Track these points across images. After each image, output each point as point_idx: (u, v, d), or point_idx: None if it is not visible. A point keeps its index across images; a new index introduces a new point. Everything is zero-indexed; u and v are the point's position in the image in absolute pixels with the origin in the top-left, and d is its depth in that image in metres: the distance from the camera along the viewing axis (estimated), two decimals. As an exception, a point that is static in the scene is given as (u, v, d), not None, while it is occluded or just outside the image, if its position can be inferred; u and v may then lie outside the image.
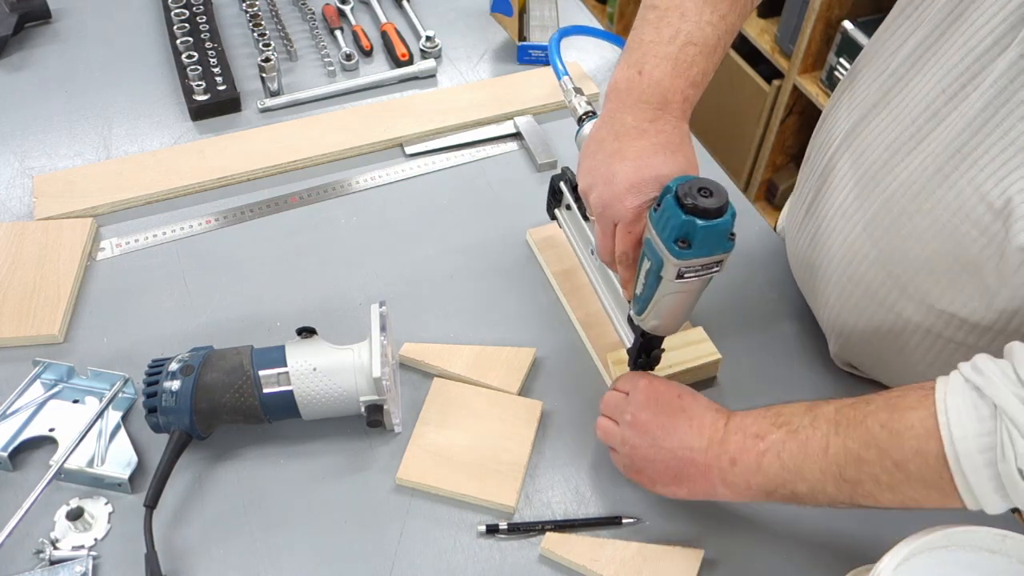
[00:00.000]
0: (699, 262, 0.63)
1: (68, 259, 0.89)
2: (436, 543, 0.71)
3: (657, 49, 0.67)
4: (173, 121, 1.07)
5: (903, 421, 0.57)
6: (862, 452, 0.59)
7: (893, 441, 0.57)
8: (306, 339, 0.75)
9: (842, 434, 0.60)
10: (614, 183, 0.66)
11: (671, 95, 0.67)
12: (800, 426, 0.62)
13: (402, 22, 1.24)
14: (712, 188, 0.61)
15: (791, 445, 0.62)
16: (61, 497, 0.72)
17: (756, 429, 0.65)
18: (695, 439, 0.67)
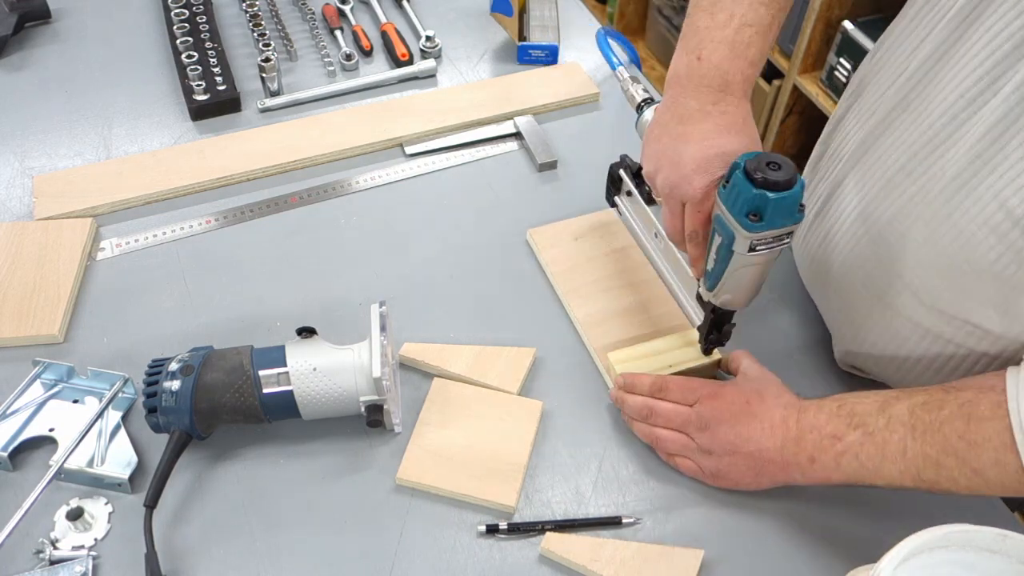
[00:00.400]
0: (771, 234, 0.65)
1: (68, 259, 0.89)
2: (436, 543, 0.71)
3: (713, 34, 0.69)
4: (173, 121, 1.07)
5: (979, 432, 0.60)
6: (940, 458, 0.62)
7: (971, 451, 0.60)
8: (306, 339, 0.75)
9: (919, 439, 0.62)
10: (681, 164, 0.68)
11: (731, 76, 0.68)
12: (876, 428, 0.65)
13: (402, 22, 1.24)
14: (780, 162, 0.63)
15: (868, 448, 0.65)
16: (61, 497, 0.72)
17: (831, 429, 0.67)
18: (769, 440, 0.70)
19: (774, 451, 0.70)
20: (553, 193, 1.01)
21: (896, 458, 0.64)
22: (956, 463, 0.61)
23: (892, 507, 0.74)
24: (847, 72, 1.84)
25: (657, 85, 1.04)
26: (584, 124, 1.10)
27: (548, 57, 1.17)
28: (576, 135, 1.08)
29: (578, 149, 1.06)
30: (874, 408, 0.66)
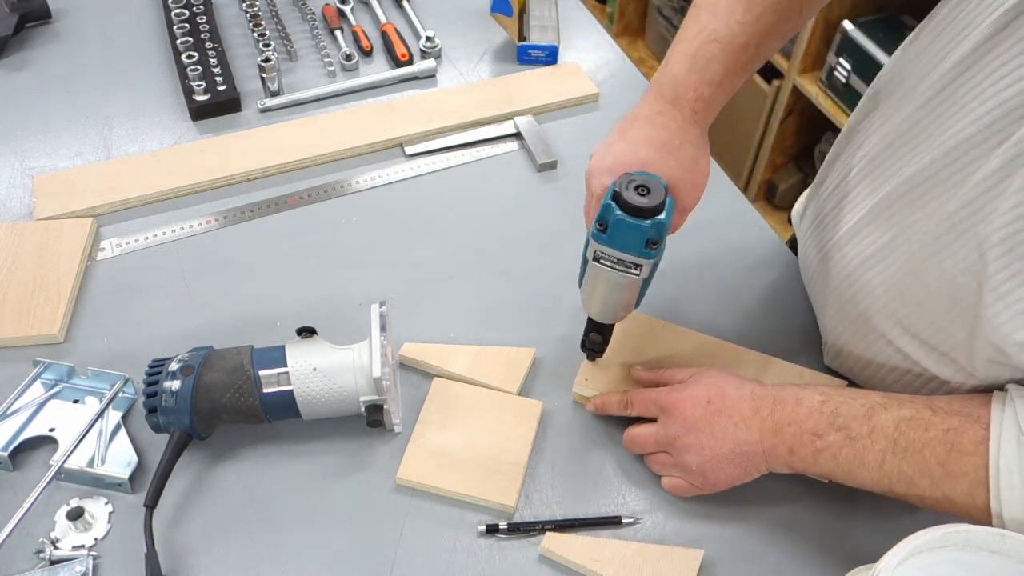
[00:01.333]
0: (613, 253, 0.65)
1: (68, 259, 0.89)
2: (436, 543, 0.71)
3: (682, 45, 0.69)
4: (173, 121, 1.07)
5: (958, 465, 0.61)
6: (916, 478, 0.63)
7: (947, 480, 0.62)
8: (306, 339, 0.75)
9: (899, 455, 0.64)
10: (604, 159, 0.69)
11: (683, 91, 0.68)
12: (859, 434, 0.65)
13: (402, 22, 1.24)
14: (652, 189, 0.63)
15: (848, 452, 0.65)
16: (61, 497, 0.72)
17: (812, 426, 0.67)
18: (744, 432, 0.69)
19: (753, 443, 0.69)
20: (553, 193, 1.01)
21: (872, 467, 0.65)
22: (930, 485, 0.63)
23: (892, 507, 0.74)
24: (847, 72, 1.84)
25: (657, 85, 1.04)
26: (584, 124, 1.10)
27: (548, 57, 1.17)
28: (576, 135, 1.08)
29: (578, 149, 1.06)
30: (859, 413, 0.66)
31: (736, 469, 0.70)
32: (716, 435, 0.70)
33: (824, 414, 0.67)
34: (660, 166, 0.67)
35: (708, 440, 0.70)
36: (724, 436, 0.69)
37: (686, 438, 0.71)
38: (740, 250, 0.95)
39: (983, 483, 0.60)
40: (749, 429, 0.69)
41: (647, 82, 1.18)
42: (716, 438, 0.69)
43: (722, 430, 0.69)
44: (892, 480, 0.64)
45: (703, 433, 0.70)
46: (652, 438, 0.74)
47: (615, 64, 1.20)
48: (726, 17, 0.67)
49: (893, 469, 0.64)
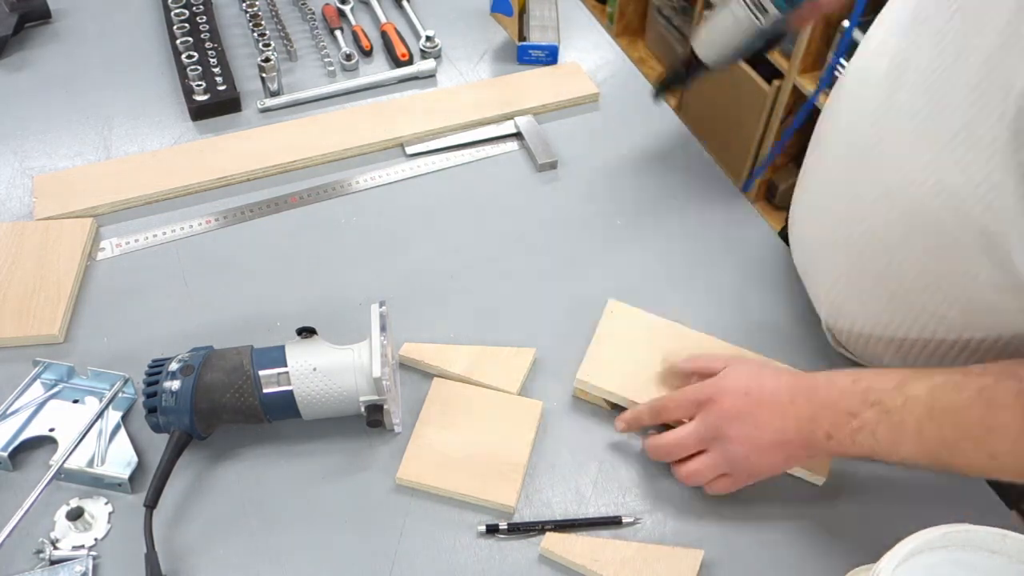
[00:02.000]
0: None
1: (68, 259, 0.89)
2: (436, 543, 0.71)
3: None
4: (173, 121, 1.07)
5: (997, 419, 0.61)
6: (959, 442, 0.63)
7: (989, 436, 0.62)
8: (306, 339, 0.75)
9: (936, 420, 0.63)
10: None
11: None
12: (893, 407, 0.65)
13: (402, 22, 1.24)
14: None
15: (884, 426, 0.65)
16: (61, 497, 0.72)
17: (847, 406, 0.66)
18: (782, 421, 0.69)
19: (792, 432, 0.69)
20: (553, 193, 1.01)
21: (912, 439, 0.64)
22: (973, 447, 0.62)
23: (892, 507, 0.74)
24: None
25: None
26: (584, 124, 1.10)
27: (548, 57, 1.17)
28: (576, 135, 1.08)
29: (578, 149, 1.06)
30: (891, 385, 0.65)
31: (776, 459, 0.71)
32: (759, 426, 0.70)
33: (856, 392, 0.66)
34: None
35: (752, 431, 0.70)
36: (766, 427, 0.69)
37: (729, 430, 0.70)
38: (740, 250, 0.95)
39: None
40: (786, 418, 0.69)
41: (647, 82, 1.18)
42: (759, 428, 0.70)
43: (764, 421, 0.69)
44: (935, 448, 0.63)
45: (746, 424, 0.70)
46: (693, 436, 0.72)
47: (615, 64, 1.20)
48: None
49: (933, 436, 0.63)
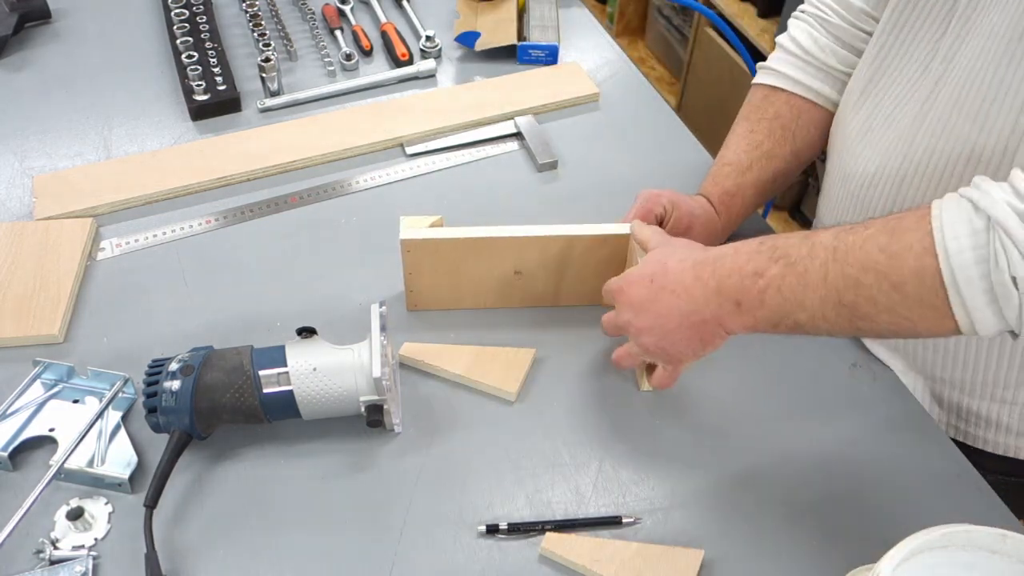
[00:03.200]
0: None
1: (68, 259, 0.89)
2: (436, 543, 0.71)
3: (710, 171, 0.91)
4: (173, 121, 1.07)
5: (901, 242, 0.58)
6: (860, 276, 0.60)
7: (891, 263, 0.58)
8: (306, 339, 0.75)
9: (840, 260, 0.61)
10: None
11: (710, 195, 0.89)
12: (798, 258, 0.63)
13: (402, 22, 1.24)
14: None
15: (790, 278, 0.63)
16: (61, 497, 0.72)
17: (752, 267, 0.65)
18: (688, 303, 0.69)
19: (700, 309, 0.68)
20: (553, 193, 1.01)
21: (817, 285, 0.62)
22: (875, 279, 0.59)
23: (892, 507, 0.74)
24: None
25: (657, 85, 1.04)
26: (584, 124, 1.10)
27: (548, 57, 1.17)
28: (576, 135, 1.08)
29: (578, 149, 1.06)
30: (797, 240, 0.64)
31: (693, 341, 0.70)
32: (663, 313, 0.70)
33: (762, 252, 0.65)
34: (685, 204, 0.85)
35: (655, 319, 0.70)
36: (671, 311, 0.69)
37: (636, 321, 0.72)
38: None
39: (928, 251, 0.57)
40: (692, 298, 0.68)
41: (647, 82, 1.18)
42: (664, 315, 0.70)
43: (668, 305, 0.69)
44: (839, 290, 0.61)
45: (650, 312, 0.71)
46: (612, 324, 0.76)
47: (615, 64, 1.20)
48: (734, 148, 0.90)
49: (837, 276, 0.61)
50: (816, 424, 0.80)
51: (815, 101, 0.89)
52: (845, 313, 0.62)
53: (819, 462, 0.77)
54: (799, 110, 0.89)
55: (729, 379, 0.83)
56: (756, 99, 0.92)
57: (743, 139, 0.90)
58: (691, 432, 0.79)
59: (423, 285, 0.84)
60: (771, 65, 0.91)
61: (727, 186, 0.88)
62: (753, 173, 0.88)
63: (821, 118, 0.89)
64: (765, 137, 0.89)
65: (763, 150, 0.88)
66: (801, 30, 0.89)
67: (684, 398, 0.81)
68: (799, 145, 0.89)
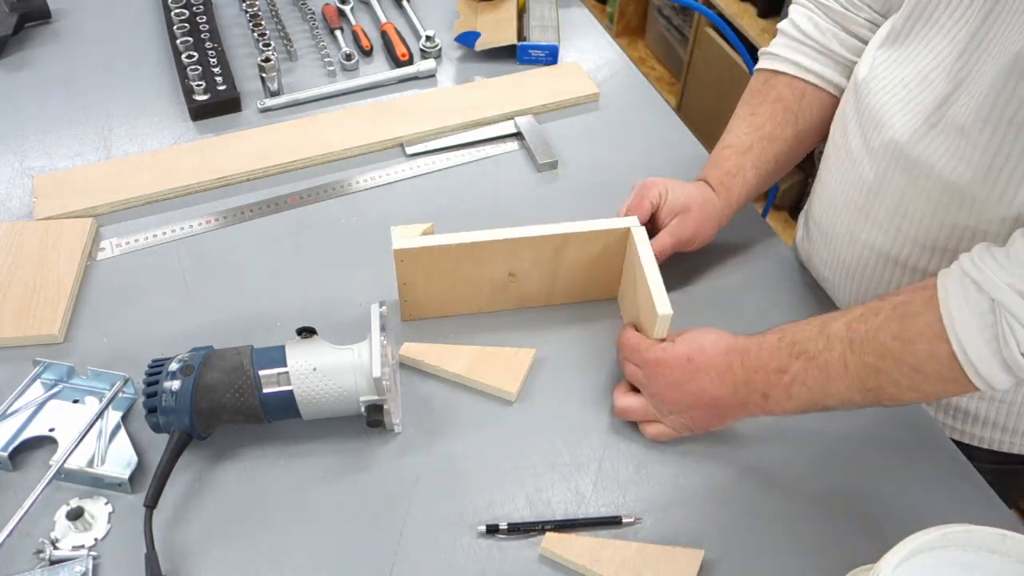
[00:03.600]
0: None
1: (68, 259, 0.89)
2: (436, 543, 0.71)
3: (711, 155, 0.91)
4: (173, 121, 1.07)
5: (912, 328, 0.63)
6: (879, 364, 0.64)
7: (906, 349, 0.63)
8: (306, 339, 0.75)
9: (857, 351, 0.65)
10: None
11: (709, 177, 0.89)
12: (816, 351, 0.67)
13: (402, 22, 1.24)
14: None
15: (813, 372, 0.67)
16: (61, 497, 0.72)
17: (776, 364, 0.69)
18: (720, 388, 0.72)
19: (728, 396, 0.71)
20: (553, 193, 1.01)
21: (840, 374, 0.66)
22: (894, 365, 0.63)
23: (892, 507, 0.74)
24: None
25: (657, 85, 1.04)
26: (584, 124, 1.10)
27: (548, 57, 1.17)
28: (576, 135, 1.08)
29: (578, 149, 1.06)
30: (813, 333, 0.68)
31: (714, 419, 0.75)
32: (694, 392, 0.73)
33: (783, 348, 0.69)
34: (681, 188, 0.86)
35: (687, 397, 0.73)
36: (702, 392, 0.72)
37: (666, 395, 0.74)
38: (740, 249, 0.95)
39: (940, 336, 0.61)
40: (723, 384, 0.71)
41: (647, 82, 1.18)
42: (694, 395, 0.73)
43: (699, 387, 0.72)
44: (862, 378, 0.65)
45: (682, 390, 0.73)
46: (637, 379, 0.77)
47: (615, 64, 1.20)
48: (736, 130, 0.89)
49: (858, 366, 0.65)
50: (816, 424, 0.80)
51: (817, 84, 0.88)
52: (871, 396, 0.66)
53: (819, 462, 0.77)
54: (801, 92, 0.88)
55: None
56: (757, 83, 0.91)
57: (744, 121, 0.89)
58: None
59: (417, 294, 0.84)
60: (772, 50, 0.91)
61: (727, 167, 0.88)
62: (753, 154, 0.88)
63: (824, 100, 0.88)
64: (767, 119, 0.88)
65: (764, 132, 0.88)
66: (801, 14, 0.89)
67: (684, 398, 0.81)
68: (801, 128, 0.88)
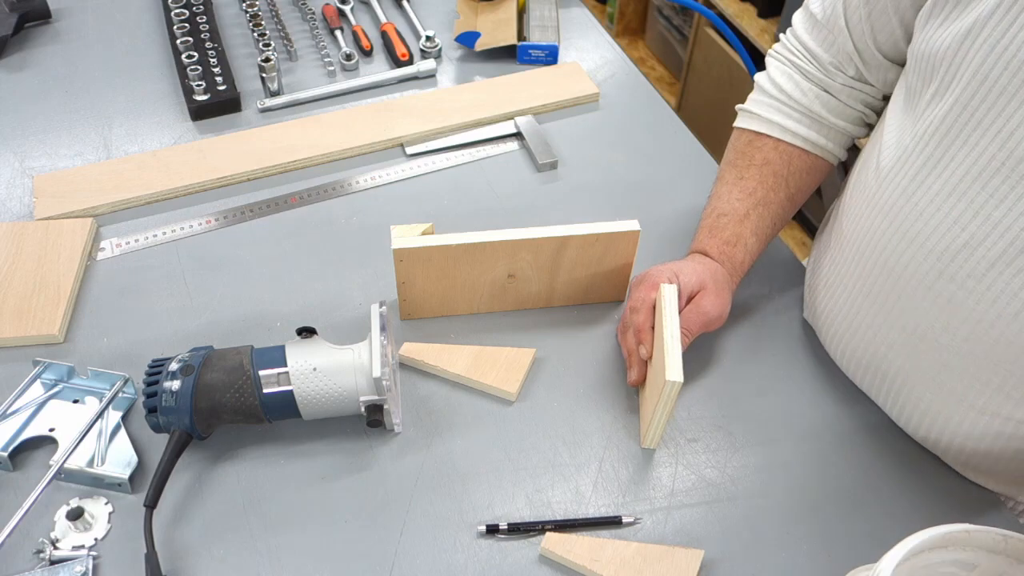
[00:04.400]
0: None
1: (68, 259, 0.89)
2: (436, 543, 0.71)
3: (703, 224, 0.88)
4: (173, 121, 1.07)
5: None
6: None
7: None
8: (306, 339, 0.75)
9: None
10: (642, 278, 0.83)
11: (708, 248, 0.85)
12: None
13: (402, 22, 1.24)
14: None
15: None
16: (61, 497, 0.72)
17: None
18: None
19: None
20: (553, 193, 1.01)
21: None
22: None
23: (892, 507, 0.74)
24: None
25: (656, 85, 1.04)
26: (584, 124, 1.10)
27: (548, 57, 1.17)
28: (576, 135, 1.08)
29: (578, 149, 1.06)
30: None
31: None
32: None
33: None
34: (689, 268, 0.81)
35: None
36: None
37: None
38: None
39: None
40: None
41: (647, 82, 1.18)
42: None
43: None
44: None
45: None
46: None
47: (615, 64, 1.20)
48: (727, 197, 0.86)
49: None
50: (816, 424, 0.80)
51: (804, 148, 0.85)
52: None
53: (819, 462, 0.77)
54: (789, 156, 0.85)
55: (729, 379, 0.83)
56: (741, 144, 0.88)
57: (734, 187, 0.86)
58: (691, 432, 0.79)
59: (416, 294, 0.84)
60: (751, 109, 0.88)
61: (725, 236, 0.85)
62: (751, 221, 0.85)
63: (812, 164, 0.86)
64: (758, 184, 0.85)
65: (757, 197, 0.85)
66: (780, 71, 0.86)
67: (684, 398, 0.81)
68: (792, 191, 0.86)
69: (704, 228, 0.87)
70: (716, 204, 0.87)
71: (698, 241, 0.87)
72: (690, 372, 0.83)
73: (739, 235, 0.85)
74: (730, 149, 0.90)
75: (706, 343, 0.85)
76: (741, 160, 0.87)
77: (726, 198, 0.86)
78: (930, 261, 0.69)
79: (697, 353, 0.84)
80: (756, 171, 0.86)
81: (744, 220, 0.85)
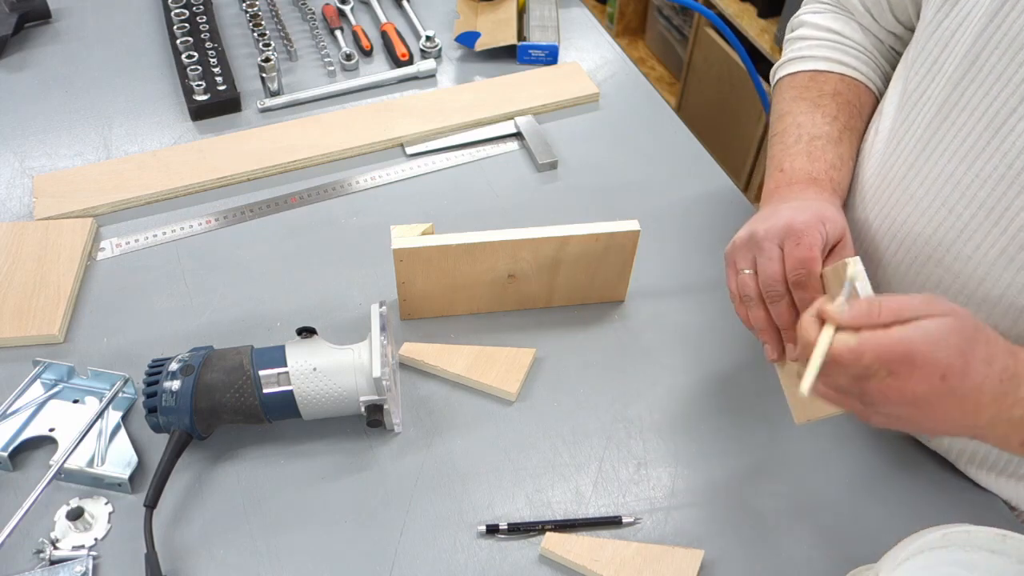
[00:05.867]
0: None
1: (68, 259, 0.89)
2: (436, 543, 0.71)
3: (789, 151, 0.74)
4: (173, 121, 1.07)
5: None
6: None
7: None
8: (306, 339, 0.75)
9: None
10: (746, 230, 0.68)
11: (816, 174, 0.72)
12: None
13: (402, 22, 1.24)
14: None
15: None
16: (61, 497, 0.72)
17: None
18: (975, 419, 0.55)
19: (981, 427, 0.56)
20: (553, 193, 1.01)
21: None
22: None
23: (892, 507, 0.74)
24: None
25: (656, 85, 1.04)
26: (584, 124, 1.10)
27: (548, 57, 1.17)
28: (576, 135, 1.08)
29: (578, 149, 1.06)
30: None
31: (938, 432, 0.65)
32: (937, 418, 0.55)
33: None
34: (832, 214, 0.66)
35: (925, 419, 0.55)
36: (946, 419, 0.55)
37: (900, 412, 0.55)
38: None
39: None
40: (979, 414, 0.54)
41: (647, 82, 1.18)
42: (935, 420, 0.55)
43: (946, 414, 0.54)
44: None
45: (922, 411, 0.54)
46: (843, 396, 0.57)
47: (615, 64, 1.20)
48: (811, 122, 0.75)
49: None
50: (816, 423, 0.80)
51: (868, 85, 0.78)
52: None
53: (819, 462, 0.77)
54: (856, 90, 0.77)
55: (730, 379, 0.83)
56: (801, 81, 0.78)
57: (814, 113, 0.75)
58: (691, 432, 0.79)
59: (416, 294, 0.84)
60: (805, 53, 0.80)
61: (829, 159, 0.72)
62: (845, 145, 0.74)
63: (874, 105, 0.79)
64: (838, 111, 0.75)
65: (842, 122, 0.75)
66: (829, 17, 0.81)
67: (684, 398, 0.81)
68: (863, 125, 0.77)
69: (797, 154, 0.73)
70: (801, 129, 0.74)
71: (796, 169, 0.72)
72: (689, 371, 0.83)
73: (841, 157, 0.73)
74: (786, 90, 0.79)
75: (705, 342, 0.85)
76: (808, 92, 0.77)
77: (810, 123, 0.74)
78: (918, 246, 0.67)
79: (696, 352, 0.84)
80: (830, 100, 0.76)
81: (839, 143, 0.74)
